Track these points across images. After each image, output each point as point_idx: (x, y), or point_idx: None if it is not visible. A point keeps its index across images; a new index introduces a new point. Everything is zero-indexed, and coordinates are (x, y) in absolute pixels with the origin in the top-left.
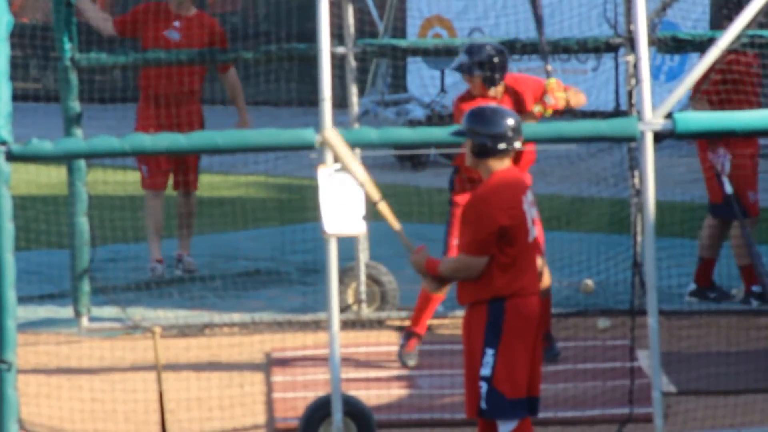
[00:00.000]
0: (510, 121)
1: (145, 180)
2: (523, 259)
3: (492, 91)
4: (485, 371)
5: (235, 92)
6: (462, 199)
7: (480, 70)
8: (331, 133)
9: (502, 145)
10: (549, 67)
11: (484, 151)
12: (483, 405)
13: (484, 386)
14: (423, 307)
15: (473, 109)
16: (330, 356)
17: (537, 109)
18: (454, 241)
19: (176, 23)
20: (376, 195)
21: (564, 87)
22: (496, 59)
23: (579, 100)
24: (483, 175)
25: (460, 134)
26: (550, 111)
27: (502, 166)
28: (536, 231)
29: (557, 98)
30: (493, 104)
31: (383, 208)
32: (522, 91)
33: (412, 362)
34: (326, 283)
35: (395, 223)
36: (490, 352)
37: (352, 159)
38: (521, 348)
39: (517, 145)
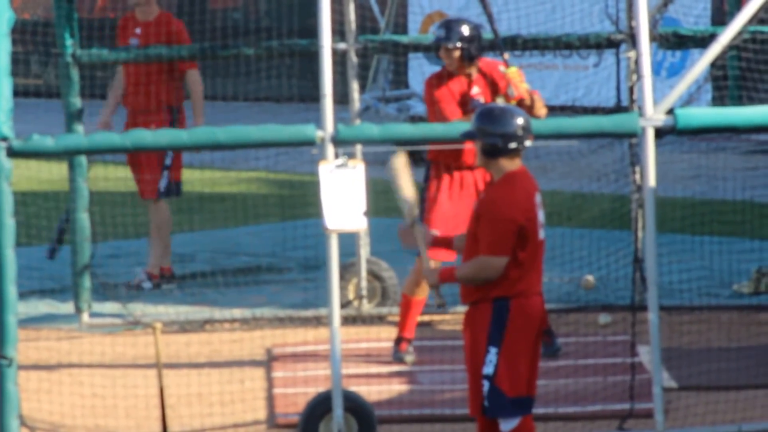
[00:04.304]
0: (520, 120)
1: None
2: (531, 260)
3: (467, 69)
4: (488, 370)
5: (194, 93)
6: (435, 185)
7: (459, 41)
8: (400, 161)
9: (512, 145)
10: (506, 56)
11: (495, 151)
12: (485, 403)
13: (486, 384)
14: (406, 313)
15: (482, 108)
16: (331, 352)
17: (500, 101)
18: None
19: (137, 30)
20: (414, 213)
21: (530, 92)
22: (473, 34)
23: (541, 113)
24: (494, 175)
25: (470, 134)
26: (513, 102)
27: (513, 165)
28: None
29: (519, 89)
30: (501, 103)
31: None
32: (497, 76)
33: (409, 358)
34: (327, 279)
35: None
36: (493, 350)
37: (410, 186)
38: (523, 347)
39: (528, 143)
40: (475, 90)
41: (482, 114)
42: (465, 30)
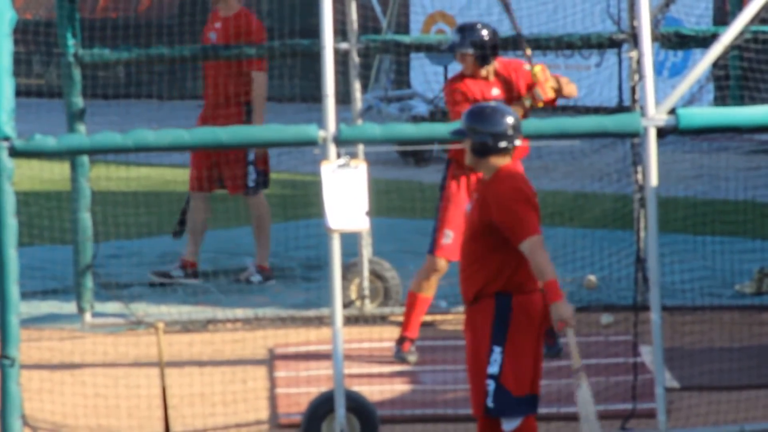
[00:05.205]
0: (510, 120)
1: (190, 180)
2: None
3: (484, 71)
4: (493, 369)
5: (254, 94)
6: (455, 185)
7: (473, 47)
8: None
9: (503, 144)
10: (528, 52)
11: (485, 150)
12: (490, 403)
13: (491, 384)
14: (411, 311)
15: (472, 108)
16: (333, 352)
17: (527, 103)
18: (443, 240)
19: (217, 24)
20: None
21: (554, 76)
22: (488, 37)
23: (571, 90)
24: (485, 173)
25: (460, 133)
26: (541, 104)
27: (503, 162)
28: None
29: (546, 90)
30: (492, 102)
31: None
32: (514, 77)
33: (412, 358)
34: (329, 279)
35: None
36: (497, 349)
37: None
38: (527, 345)
39: (518, 142)
40: (495, 92)
41: (472, 113)
42: (478, 34)
